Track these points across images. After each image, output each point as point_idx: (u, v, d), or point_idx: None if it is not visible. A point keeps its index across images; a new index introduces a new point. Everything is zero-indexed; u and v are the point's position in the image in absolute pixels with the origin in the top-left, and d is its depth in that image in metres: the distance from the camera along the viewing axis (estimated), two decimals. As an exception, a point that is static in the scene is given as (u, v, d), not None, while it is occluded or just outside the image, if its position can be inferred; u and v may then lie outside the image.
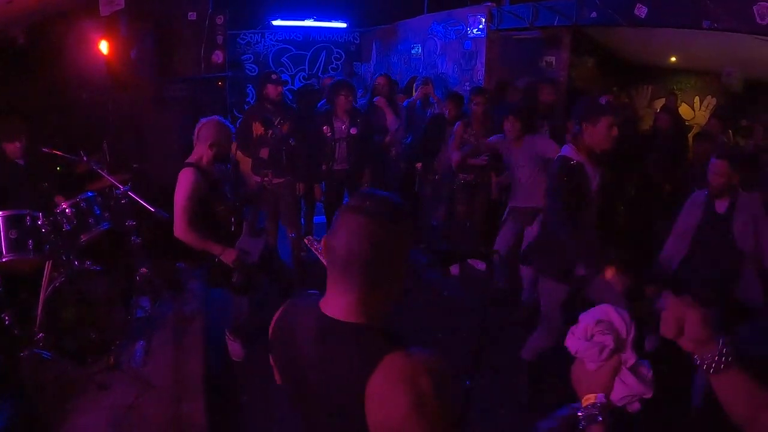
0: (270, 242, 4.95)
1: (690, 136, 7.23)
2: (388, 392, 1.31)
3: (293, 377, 1.55)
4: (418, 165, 6.65)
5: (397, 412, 1.29)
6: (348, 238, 1.41)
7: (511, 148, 5.17)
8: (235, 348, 4.55)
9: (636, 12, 4.31)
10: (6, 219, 3.93)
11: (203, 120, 4.04)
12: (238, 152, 5.95)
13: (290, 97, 8.79)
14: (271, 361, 1.64)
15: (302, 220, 6.52)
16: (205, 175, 3.93)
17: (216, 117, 4.10)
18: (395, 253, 1.44)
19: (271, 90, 5.73)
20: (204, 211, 3.95)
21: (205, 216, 3.97)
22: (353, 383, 1.34)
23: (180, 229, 3.83)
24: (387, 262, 1.43)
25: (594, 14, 4.80)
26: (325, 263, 1.58)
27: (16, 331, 3.88)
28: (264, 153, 5.63)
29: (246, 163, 5.77)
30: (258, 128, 5.60)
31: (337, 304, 1.45)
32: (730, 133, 6.75)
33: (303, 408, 1.57)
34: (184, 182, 3.85)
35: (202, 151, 3.98)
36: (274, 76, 5.87)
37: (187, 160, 3.98)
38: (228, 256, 3.91)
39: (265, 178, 4.75)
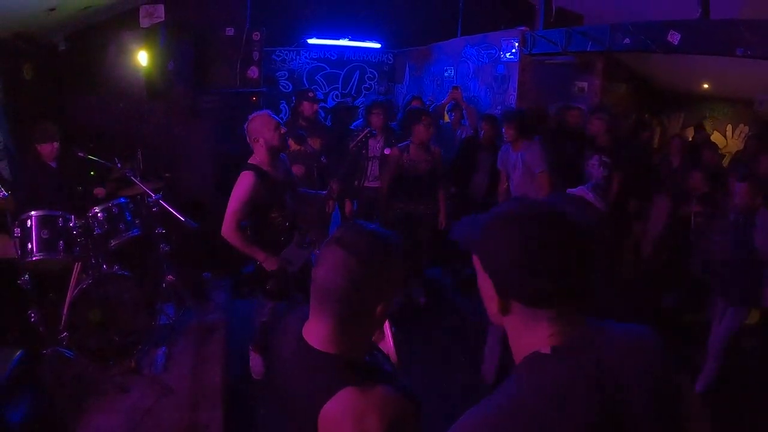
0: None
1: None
2: (336, 424, 1.34)
3: (276, 389, 1.61)
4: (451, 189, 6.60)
5: None
6: (326, 270, 1.44)
7: (510, 151, 5.67)
8: (256, 363, 4.51)
9: (669, 38, 4.27)
10: (39, 219, 4.03)
11: (249, 118, 3.94)
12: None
13: (322, 115, 8.90)
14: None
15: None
16: (266, 178, 3.82)
17: (255, 112, 3.99)
18: (372, 289, 1.45)
19: (307, 107, 5.83)
20: (259, 215, 3.88)
21: (259, 221, 3.91)
22: (310, 409, 1.38)
23: (227, 229, 3.74)
24: (361, 299, 1.44)
25: (627, 40, 4.77)
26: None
27: (41, 329, 3.94)
28: (297, 170, 5.67)
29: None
30: (291, 145, 5.65)
31: (313, 330, 1.49)
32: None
33: (281, 419, 1.62)
34: (242, 185, 3.76)
35: (258, 150, 3.89)
36: (310, 94, 5.97)
37: (249, 161, 3.89)
38: (270, 264, 3.84)
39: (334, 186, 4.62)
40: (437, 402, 4.26)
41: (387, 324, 1.80)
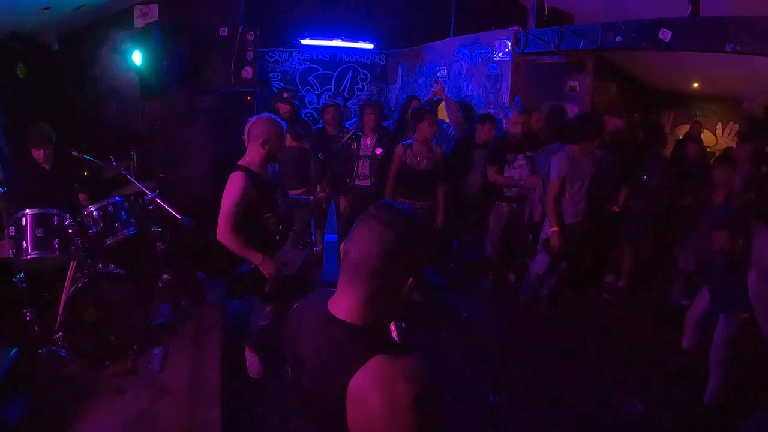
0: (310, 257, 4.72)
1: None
2: (365, 394, 1.35)
3: (294, 366, 1.62)
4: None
5: (372, 414, 1.34)
6: (361, 243, 1.48)
7: (577, 158, 5.29)
8: (253, 363, 4.52)
9: (660, 36, 4.31)
10: (34, 217, 4.02)
11: (252, 118, 3.89)
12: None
13: (315, 116, 8.91)
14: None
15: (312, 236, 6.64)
16: (256, 179, 3.78)
17: (265, 113, 3.94)
18: (404, 264, 1.49)
19: (280, 107, 5.93)
20: (252, 217, 3.82)
21: (252, 222, 3.84)
22: (338, 380, 1.39)
23: (223, 232, 3.71)
24: (395, 272, 1.48)
25: (618, 38, 4.81)
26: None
27: (36, 328, 3.94)
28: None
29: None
30: (288, 140, 5.68)
31: (342, 303, 1.52)
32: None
33: (297, 399, 1.63)
34: (233, 186, 3.71)
35: (254, 152, 3.83)
36: (286, 95, 6.06)
37: (239, 162, 3.85)
38: (266, 267, 3.79)
39: (320, 194, 4.65)
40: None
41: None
